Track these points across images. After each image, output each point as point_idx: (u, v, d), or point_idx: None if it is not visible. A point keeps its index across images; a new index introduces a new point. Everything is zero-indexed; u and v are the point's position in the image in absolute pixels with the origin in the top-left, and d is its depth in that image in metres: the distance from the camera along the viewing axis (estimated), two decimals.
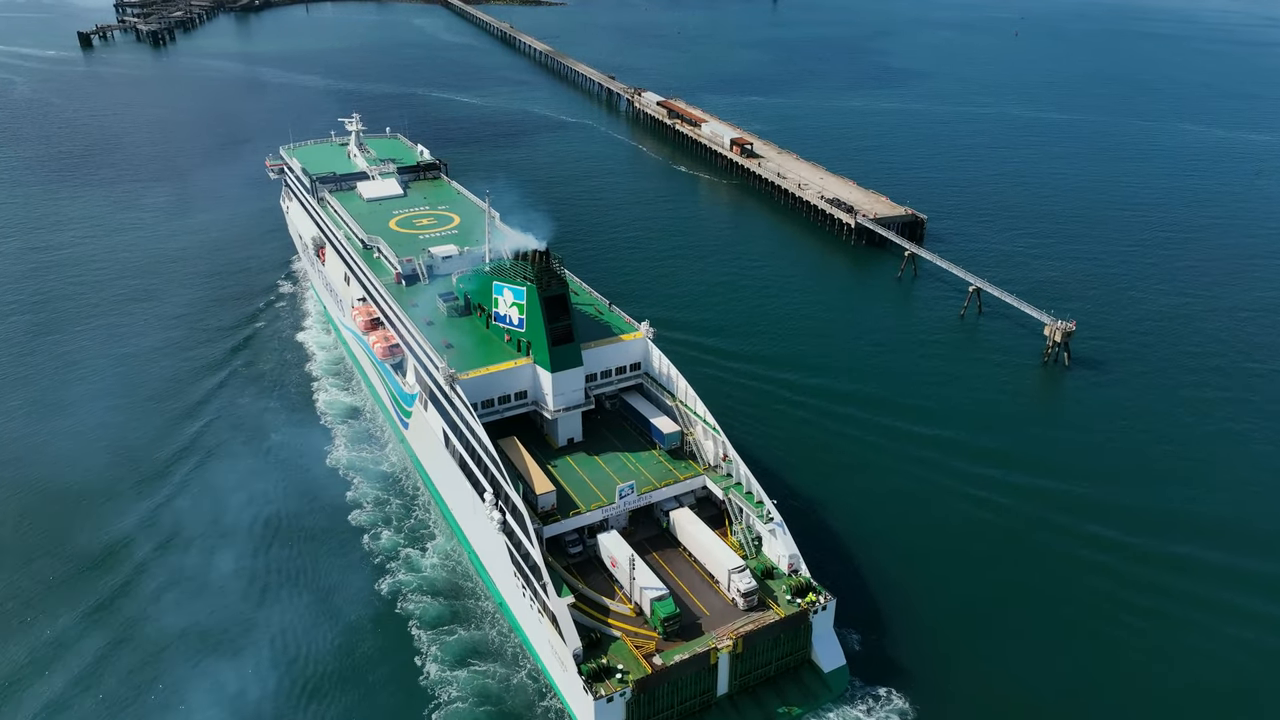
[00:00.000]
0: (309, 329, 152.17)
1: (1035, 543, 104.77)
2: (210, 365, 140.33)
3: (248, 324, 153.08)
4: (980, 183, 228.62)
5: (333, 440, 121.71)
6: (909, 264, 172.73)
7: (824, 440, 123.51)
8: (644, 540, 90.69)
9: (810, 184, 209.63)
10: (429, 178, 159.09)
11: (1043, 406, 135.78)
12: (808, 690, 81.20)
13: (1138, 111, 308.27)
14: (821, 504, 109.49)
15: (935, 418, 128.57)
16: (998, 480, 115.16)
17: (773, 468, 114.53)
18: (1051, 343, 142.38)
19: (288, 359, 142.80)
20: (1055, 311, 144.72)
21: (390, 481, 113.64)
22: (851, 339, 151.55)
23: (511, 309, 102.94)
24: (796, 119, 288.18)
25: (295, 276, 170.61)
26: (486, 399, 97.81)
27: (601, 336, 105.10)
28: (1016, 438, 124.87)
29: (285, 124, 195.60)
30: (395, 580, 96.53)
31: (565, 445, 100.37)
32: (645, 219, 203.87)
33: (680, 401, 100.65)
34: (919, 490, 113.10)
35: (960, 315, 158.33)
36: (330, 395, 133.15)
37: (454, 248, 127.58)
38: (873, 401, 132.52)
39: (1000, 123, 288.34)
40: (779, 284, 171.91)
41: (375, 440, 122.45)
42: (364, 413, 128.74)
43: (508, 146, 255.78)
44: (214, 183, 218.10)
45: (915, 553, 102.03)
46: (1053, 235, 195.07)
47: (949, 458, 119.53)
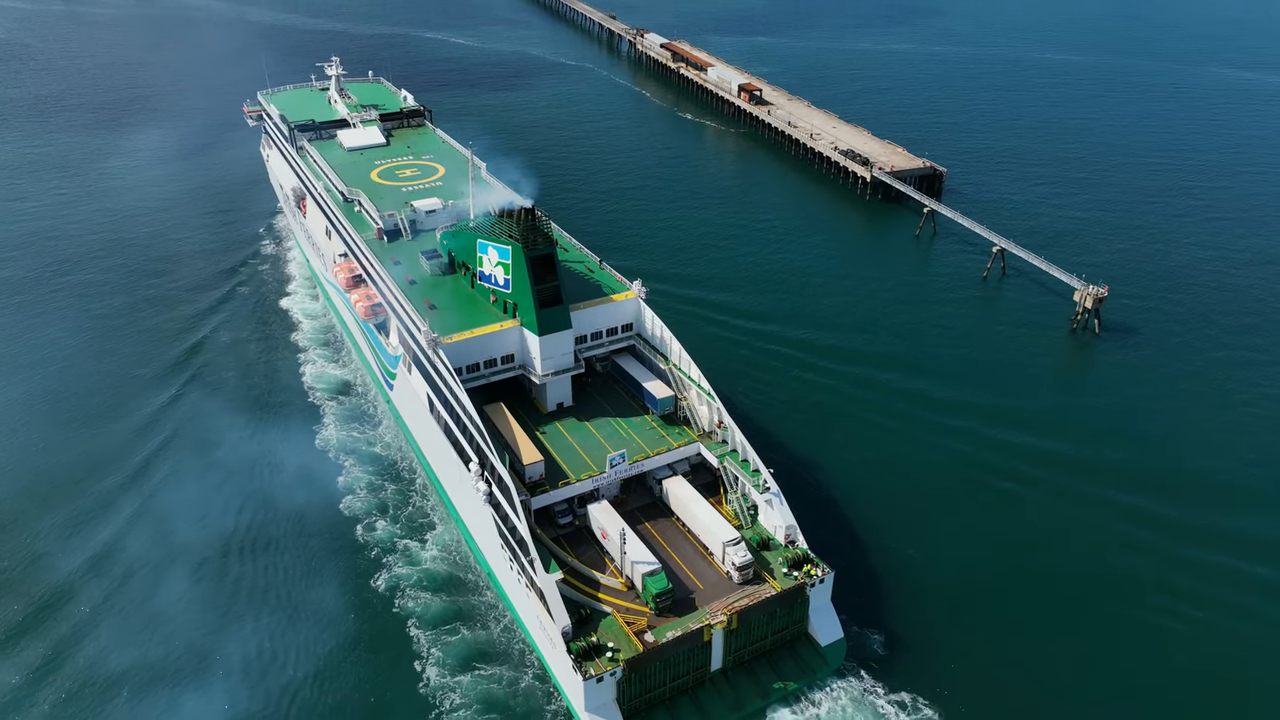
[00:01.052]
0: (293, 294, 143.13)
1: (1053, 516, 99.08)
2: (185, 329, 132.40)
3: (226, 285, 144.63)
4: (1001, 132, 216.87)
5: (321, 419, 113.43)
6: (928, 221, 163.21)
7: (829, 404, 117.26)
8: (636, 509, 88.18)
9: (822, 133, 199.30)
10: (413, 125, 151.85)
11: (1070, 376, 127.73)
12: (804, 664, 79.40)
13: (1165, 53, 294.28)
14: (822, 471, 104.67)
15: (951, 383, 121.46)
16: (1015, 450, 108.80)
17: (771, 432, 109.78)
18: (1081, 309, 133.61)
19: (270, 327, 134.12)
20: (1086, 275, 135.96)
21: (385, 465, 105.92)
22: (865, 300, 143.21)
23: (497, 269, 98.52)
24: (806, 62, 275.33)
25: (278, 233, 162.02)
26: (471, 363, 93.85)
27: (592, 296, 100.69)
28: (1040, 407, 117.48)
29: (267, 65, 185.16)
30: (392, 575, 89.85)
31: (554, 410, 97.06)
32: (646, 169, 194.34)
33: (674, 365, 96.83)
34: (928, 458, 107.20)
35: (983, 277, 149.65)
36: (318, 368, 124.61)
37: (438, 201, 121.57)
38: (884, 365, 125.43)
39: (1021, 66, 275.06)
40: (788, 240, 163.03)
41: (368, 418, 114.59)
42: (355, 387, 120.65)
43: (501, 91, 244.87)
44: (193, 128, 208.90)
45: (921, 523, 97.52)
46: (1079, 188, 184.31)
47: (964, 426, 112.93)
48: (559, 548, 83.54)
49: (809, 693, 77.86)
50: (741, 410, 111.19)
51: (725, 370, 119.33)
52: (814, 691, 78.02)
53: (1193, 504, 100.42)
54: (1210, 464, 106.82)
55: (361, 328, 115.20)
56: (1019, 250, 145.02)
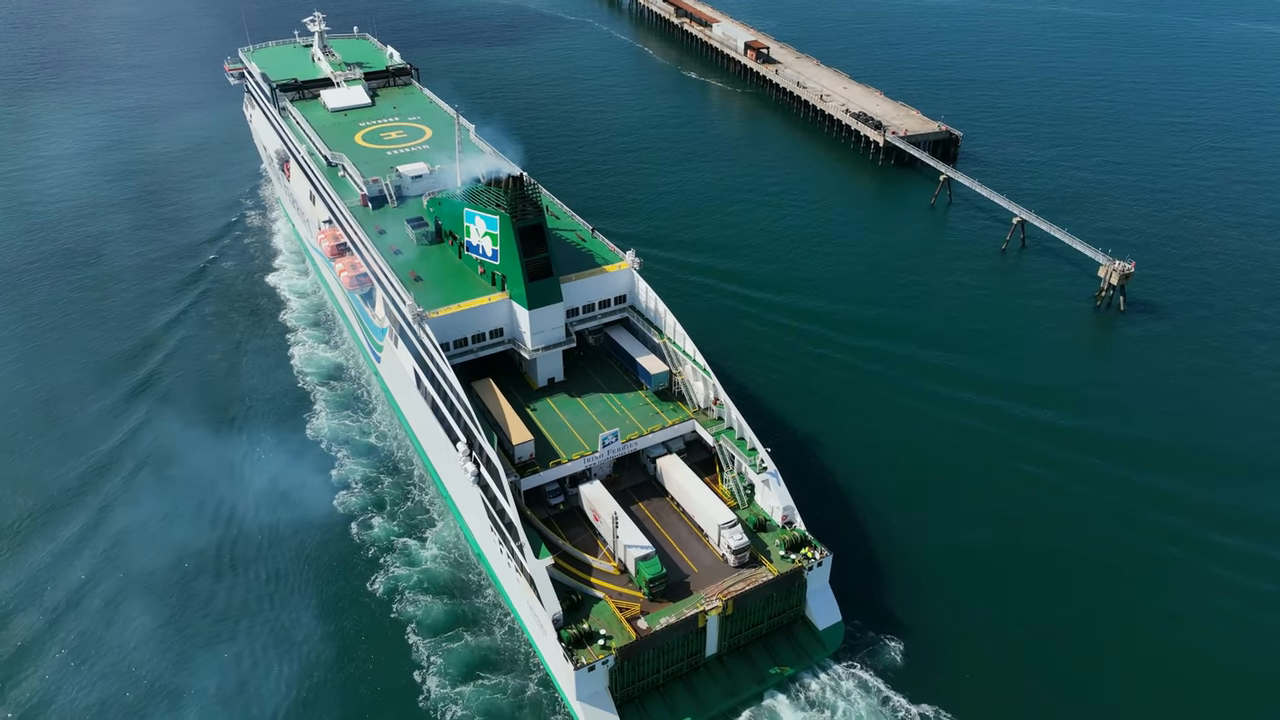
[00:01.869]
0: (280, 269, 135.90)
1: (1068, 498, 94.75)
2: (162, 306, 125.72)
3: (207, 256, 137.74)
4: (1019, 91, 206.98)
5: (312, 406, 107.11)
6: (944, 189, 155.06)
7: (832, 379, 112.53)
8: (629, 489, 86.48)
9: (833, 95, 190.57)
10: (399, 84, 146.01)
11: (1092, 355, 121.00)
12: (801, 648, 77.77)
13: (1188, 5, 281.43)
14: (823, 448, 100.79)
15: (964, 359, 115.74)
16: (1030, 429, 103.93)
17: (770, 408, 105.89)
18: (1106, 285, 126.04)
19: (256, 304, 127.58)
20: (1112, 250, 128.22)
21: (382, 456, 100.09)
22: (875, 270, 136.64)
23: (484, 239, 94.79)
24: (814, 15, 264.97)
25: (262, 201, 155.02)
26: (459, 338, 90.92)
27: (584, 268, 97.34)
28: (1059, 386, 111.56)
29: (248, 20, 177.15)
30: (390, 577, 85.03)
31: (545, 386, 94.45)
32: (647, 131, 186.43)
33: (668, 339, 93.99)
34: (936, 436, 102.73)
35: (1001, 249, 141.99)
36: (308, 350, 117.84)
37: (424, 166, 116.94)
38: (893, 338, 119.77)
39: (1037, 19, 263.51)
40: (795, 206, 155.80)
41: (361, 404, 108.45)
42: (347, 371, 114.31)
43: (495, 46, 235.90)
44: (175, 86, 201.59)
45: (925, 503, 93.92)
46: (1100, 150, 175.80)
47: (977, 403, 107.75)
48: (550, 529, 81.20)
49: (806, 677, 75.96)
50: (739, 384, 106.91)
51: (725, 342, 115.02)
52: (811, 676, 76.13)
53: (1223, 489, 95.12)
54: (1242, 449, 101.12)
55: (347, 298, 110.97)
56: (1040, 222, 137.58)
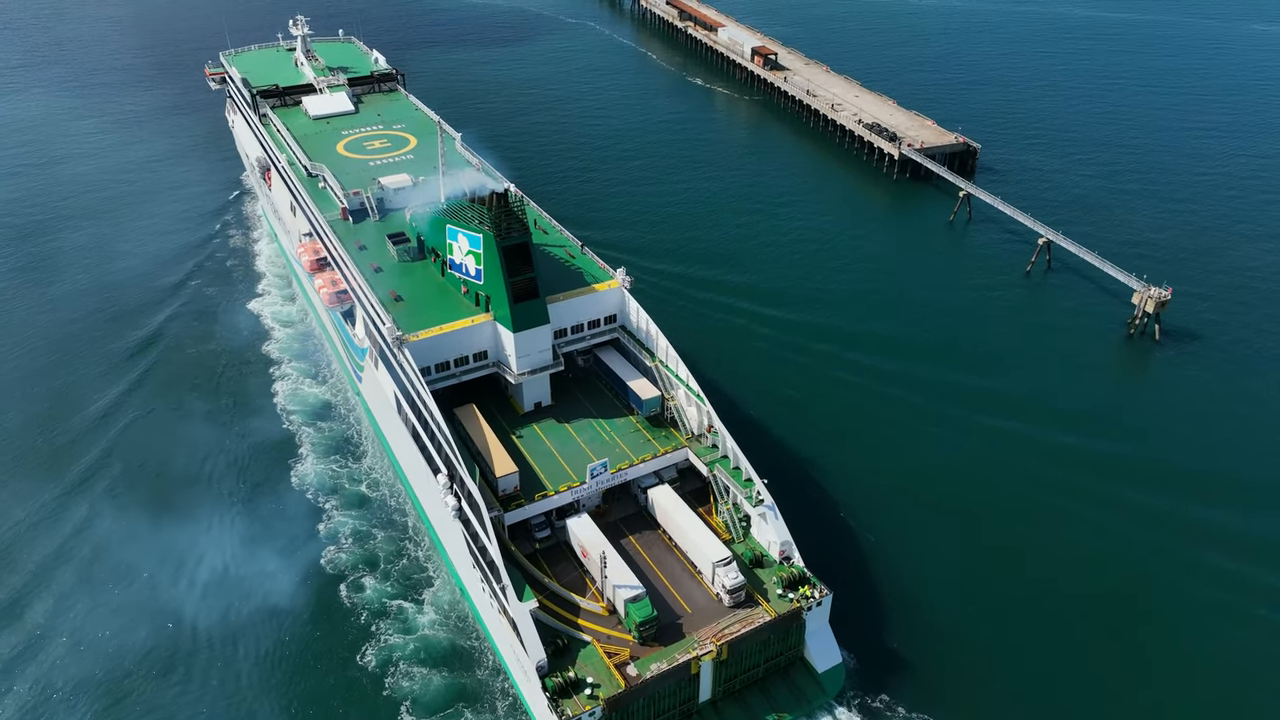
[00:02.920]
0: (264, 294, 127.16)
1: (1091, 533, 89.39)
2: (131, 334, 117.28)
3: (183, 275, 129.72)
4: (1037, 100, 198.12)
5: (297, 450, 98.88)
6: (963, 205, 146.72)
7: (837, 402, 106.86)
8: (619, 520, 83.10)
9: (844, 103, 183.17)
10: (384, 90, 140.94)
11: (1124, 384, 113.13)
12: (799, 692, 74.31)
13: (1209, 9, 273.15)
14: (825, 477, 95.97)
15: (984, 387, 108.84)
16: (1055, 461, 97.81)
17: (769, 432, 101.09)
18: (1140, 312, 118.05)
19: (236, 333, 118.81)
20: (1147, 276, 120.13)
21: (375, 507, 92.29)
22: (889, 290, 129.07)
23: (468, 258, 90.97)
24: (822, 19, 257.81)
25: (245, 218, 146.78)
26: (440, 361, 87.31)
27: (572, 286, 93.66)
28: (1087, 417, 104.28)
29: (228, 22, 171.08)
30: (383, 647, 77.69)
31: (532, 410, 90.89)
32: (649, 139, 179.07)
33: (660, 361, 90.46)
34: (948, 466, 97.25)
35: (1026, 270, 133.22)
36: (292, 385, 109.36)
37: (407, 177, 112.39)
38: (906, 361, 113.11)
39: (1055, 25, 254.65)
40: (803, 220, 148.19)
41: (351, 447, 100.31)
42: (336, 409, 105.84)
43: (492, 50, 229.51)
44: (156, 89, 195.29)
45: (934, 537, 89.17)
46: (1127, 165, 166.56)
47: (997, 433, 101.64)
48: (535, 566, 77.56)
49: None
50: (736, 408, 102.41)
51: (723, 361, 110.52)
52: None
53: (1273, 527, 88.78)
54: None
55: (328, 315, 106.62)
56: (1068, 243, 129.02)
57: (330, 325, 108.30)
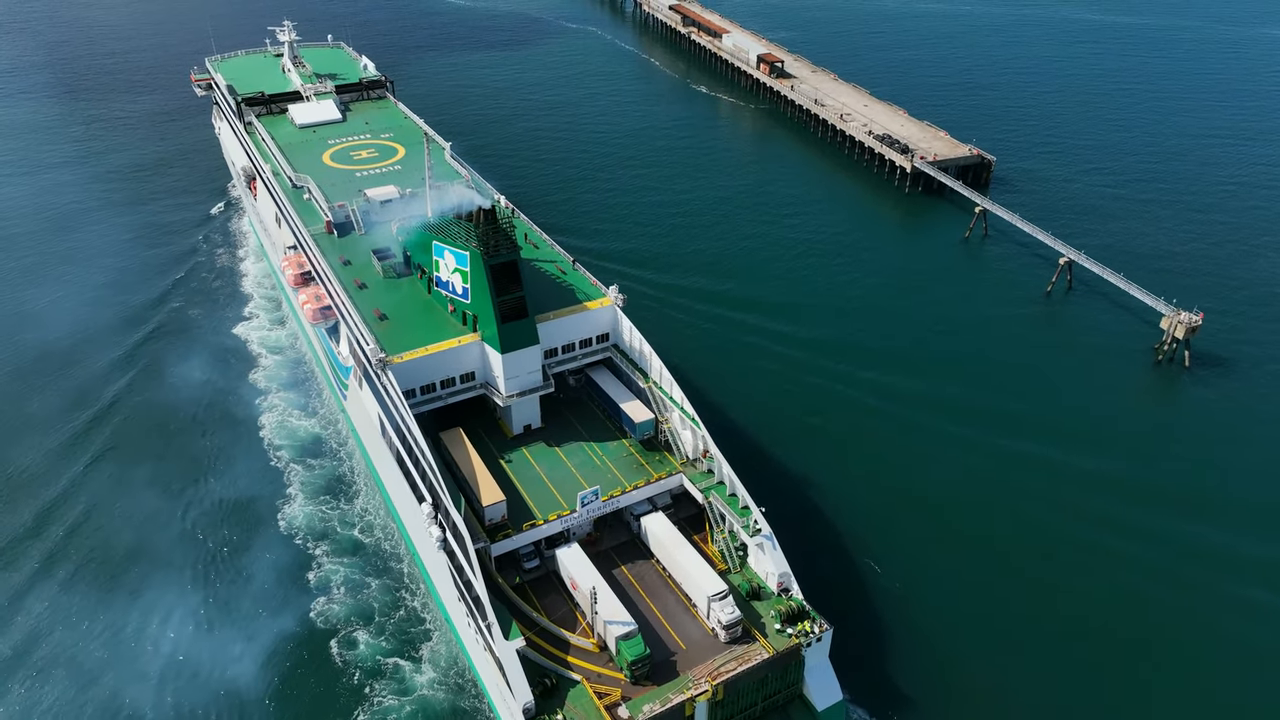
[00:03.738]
0: (251, 318, 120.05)
1: (1121, 567, 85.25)
2: (107, 356, 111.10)
3: (163, 300, 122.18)
4: (1053, 110, 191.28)
5: (285, 490, 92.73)
6: (979, 221, 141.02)
7: (842, 424, 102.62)
8: (611, 549, 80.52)
9: (853, 113, 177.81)
10: (373, 98, 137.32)
11: (1152, 413, 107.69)
12: None
13: (1225, 13, 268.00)
14: (827, 502, 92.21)
15: (1002, 412, 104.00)
16: (1075, 489, 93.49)
17: (769, 454, 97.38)
18: (1169, 337, 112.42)
19: (221, 359, 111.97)
20: (1178, 300, 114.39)
21: (368, 553, 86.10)
22: (899, 309, 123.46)
23: (454, 275, 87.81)
24: (827, 25, 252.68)
25: (232, 236, 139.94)
26: (426, 383, 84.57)
27: (563, 304, 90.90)
28: (1113, 447, 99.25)
29: (213, 28, 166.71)
30: (377, 709, 72.18)
31: (521, 433, 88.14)
32: (651, 146, 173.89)
33: (654, 383, 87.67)
34: (961, 493, 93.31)
35: (1046, 291, 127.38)
36: (280, 417, 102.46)
37: (394, 189, 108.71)
38: (918, 383, 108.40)
39: (1069, 31, 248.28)
40: (810, 234, 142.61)
41: (344, 486, 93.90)
42: (328, 444, 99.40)
43: (489, 55, 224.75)
44: (143, 97, 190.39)
45: (945, 568, 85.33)
46: (1148, 178, 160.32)
47: (1013, 461, 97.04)
48: (523, 599, 74.71)
49: None
50: (735, 429, 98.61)
51: (722, 381, 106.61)
52: None
53: None
54: None
55: (313, 330, 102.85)
56: (1091, 264, 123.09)
57: (316, 341, 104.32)
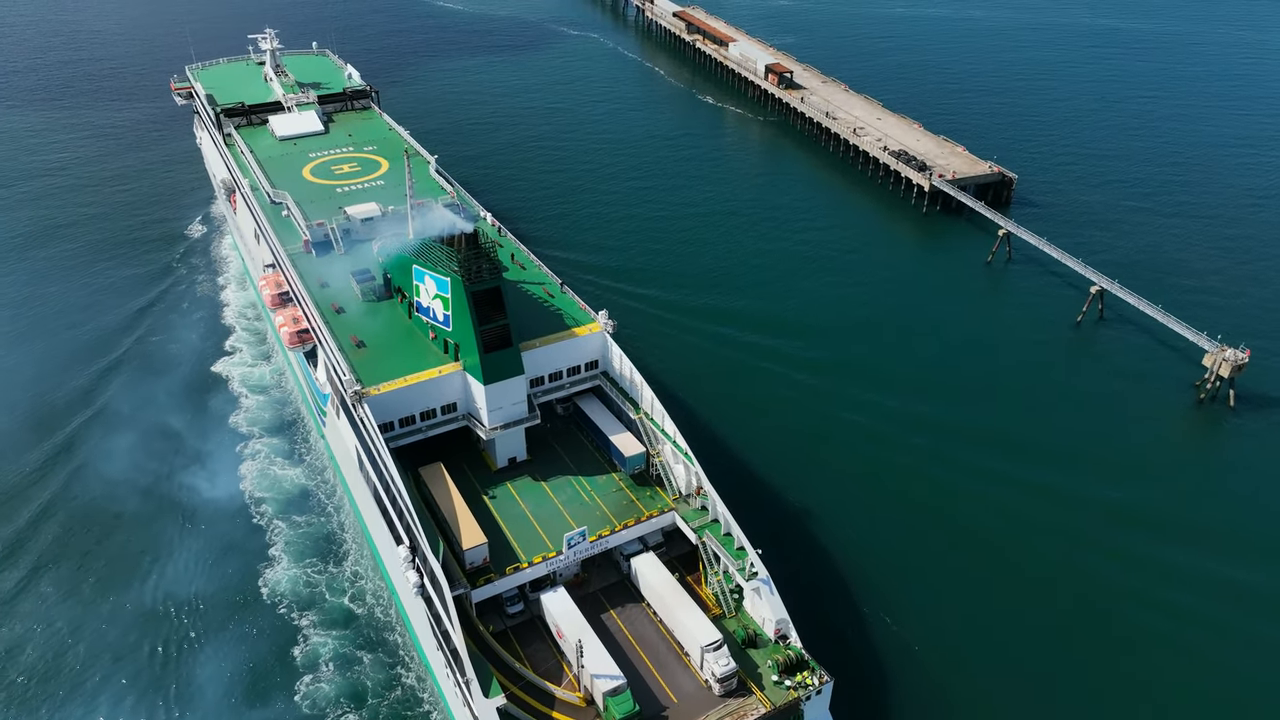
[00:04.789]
0: (234, 352, 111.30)
1: (1146, 619, 79.53)
2: (68, 396, 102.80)
3: (135, 328, 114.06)
4: (1077, 124, 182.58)
5: (267, 550, 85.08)
6: (1003, 244, 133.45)
7: (847, 462, 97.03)
8: (599, 591, 77.49)
9: (867, 127, 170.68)
10: (357, 108, 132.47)
11: (1194, 456, 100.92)
12: None
13: (1248, 20, 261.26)
14: (831, 542, 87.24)
15: (1023, 450, 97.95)
16: (1106, 533, 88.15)
17: (768, 491, 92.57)
18: (1213, 375, 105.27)
19: (198, 400, 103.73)
20: (1222, 336, 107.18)
21: (361, 624, 78.73)
22: (918, 337, 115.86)
23: (435, 301, 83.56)
24: (837, 32, 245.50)
25: (214, 259, 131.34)
26: (405, 415, 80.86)
27: (550, 331, 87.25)
28: (1150, 494, 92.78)
29: (193, 35, 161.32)
30: None
31: (506, 466, 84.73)
32: (655, 160, 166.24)
33: (645, 414, 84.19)
34: (976, 535, 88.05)
35: (1076, 322, 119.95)
36: (263, 466, 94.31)
37: (375, 207, 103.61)
38: (934, 421, 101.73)
39: (1093, 38, 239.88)
40: (821, 253, 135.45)
41: (333, 546, 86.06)
42: (316, 497, 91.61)
43: (487, 61, 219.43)
44: (124, 105, 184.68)
45: (956, 618, 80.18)
46: (1181, 196, 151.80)
47: (1036, 503, 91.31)
48: (506, 647, 71.04)
49: None
50: (733, 461, 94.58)
51: (719, 407, 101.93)
52: None
53: None
54: None
55: (292, 353, 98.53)
56: (1126, 294, 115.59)
57: (295, 365, 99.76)
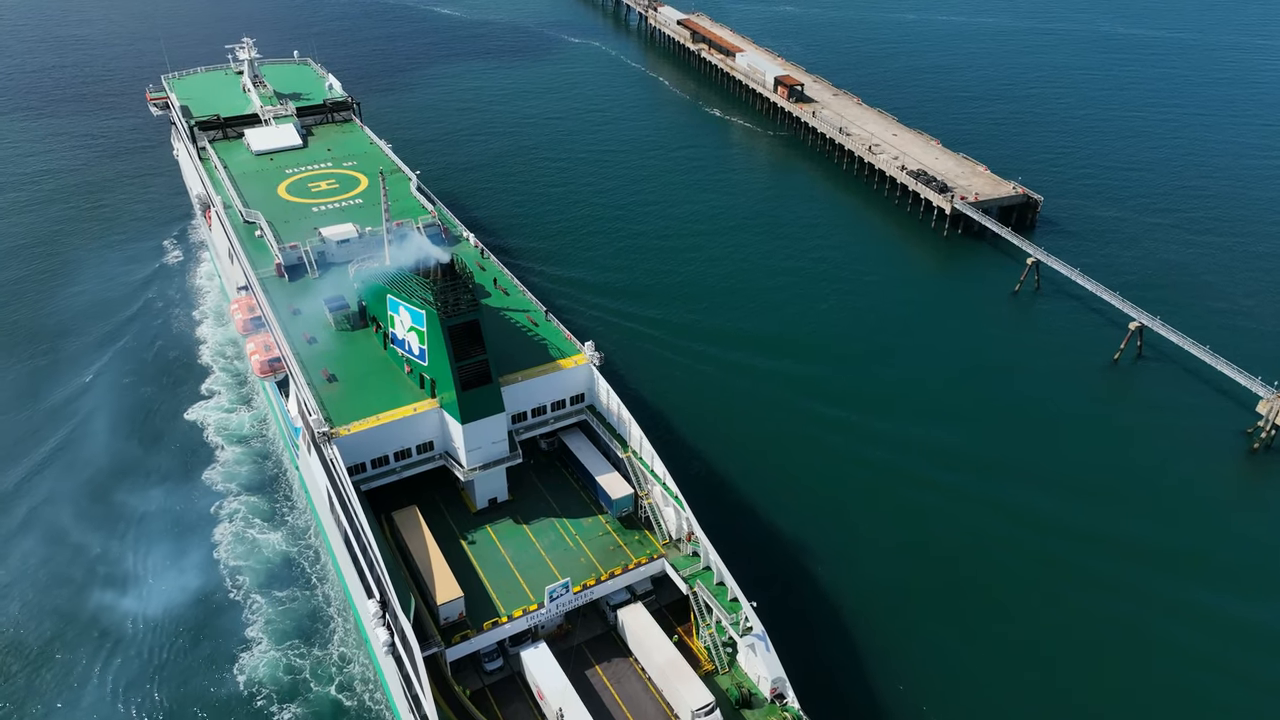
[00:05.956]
0: (211, 395, 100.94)
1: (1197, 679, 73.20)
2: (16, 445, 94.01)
3: (106, 370, 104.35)
4: (1106, 141, 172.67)
5: (245, 630, 75.36)
6: (1031, 274, 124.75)
7: (854, 509, 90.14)
8: (584, 644, 73.44)
9: (883, 144, 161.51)
10: (338, 120, 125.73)
11: (1251, 514, 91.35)
12: None
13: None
14: (832, 597, 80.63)
15: (1059, 500, 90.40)
16: (1149, 592, 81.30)
17: (766, 537, 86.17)
18: (1269, 424, 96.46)
19: (170, 451, 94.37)
20: (1278, 384, 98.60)
21: (353, 718, 70.40)
22: (937, 371, 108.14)
23: (410, 334, 77.72)
24: (843, 39, 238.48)
25: (190, 288, 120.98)
26: (378, 456, 75.86)
27: (534, 363, 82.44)
28: (1199, 548, 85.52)
29: (166, 44, 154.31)
30: None
31: (486, 507, 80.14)
32: (657, 176, 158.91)
33: (633, 453, 79.51)
34: (992, 595, 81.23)
35: (1113, 360, 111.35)
36: (239, 528, 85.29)
37: (352, 228, 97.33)
38: (956, 464, 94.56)
39: (1123, 48, 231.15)
40: (833, 279, 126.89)
41: (320, 624, 76.79)
42: (298, 566, 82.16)
43: (484, 67, 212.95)
44: (102, 116, 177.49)
45: (971, 683, 74.06)
46: (1224, 219, 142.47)
47: (1069, 557, 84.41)
48: (483, 708, 67.08)
49: None
50: (728, 502, 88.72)
51: (717, 441, 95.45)
52: None
53: None
54: None
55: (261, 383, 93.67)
56: (1169, 332, 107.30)
57: (271, 392, 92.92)
